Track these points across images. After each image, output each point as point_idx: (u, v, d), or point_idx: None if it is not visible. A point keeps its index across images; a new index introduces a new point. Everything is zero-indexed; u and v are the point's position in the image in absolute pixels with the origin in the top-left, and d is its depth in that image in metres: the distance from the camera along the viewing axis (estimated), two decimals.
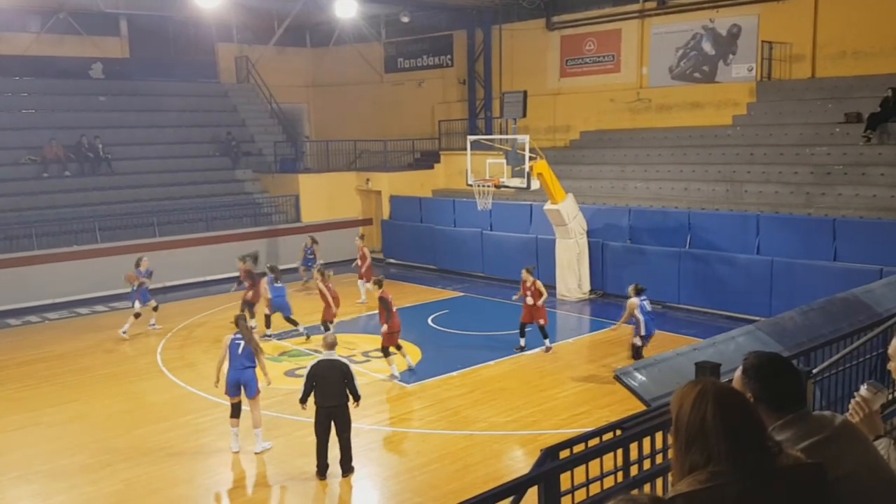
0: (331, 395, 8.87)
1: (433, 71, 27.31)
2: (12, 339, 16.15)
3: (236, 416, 9.79)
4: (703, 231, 16.45)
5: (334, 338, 9.55)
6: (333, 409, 8.86)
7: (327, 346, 9.29)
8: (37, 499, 8.85)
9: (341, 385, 8.90)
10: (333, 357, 9.15)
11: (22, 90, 23.76)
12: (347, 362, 9.20)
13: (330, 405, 8.86)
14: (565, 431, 9.84)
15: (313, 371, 8.97)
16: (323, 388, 8.89)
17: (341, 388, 8.90)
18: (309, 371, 9.03)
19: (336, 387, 8.89)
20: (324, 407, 8.88)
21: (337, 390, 8.89)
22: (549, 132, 22.94)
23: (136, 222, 20.54)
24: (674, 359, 7.14)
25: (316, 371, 8.96)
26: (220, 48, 27.91)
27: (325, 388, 8.88)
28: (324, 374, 8.91)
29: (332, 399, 8.86)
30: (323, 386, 8.89)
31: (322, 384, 8.90)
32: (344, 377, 8.92)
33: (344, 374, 8.92)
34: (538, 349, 14.05)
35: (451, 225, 21.66)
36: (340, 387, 8.90)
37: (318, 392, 8.91)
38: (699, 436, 2.04)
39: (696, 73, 20.98)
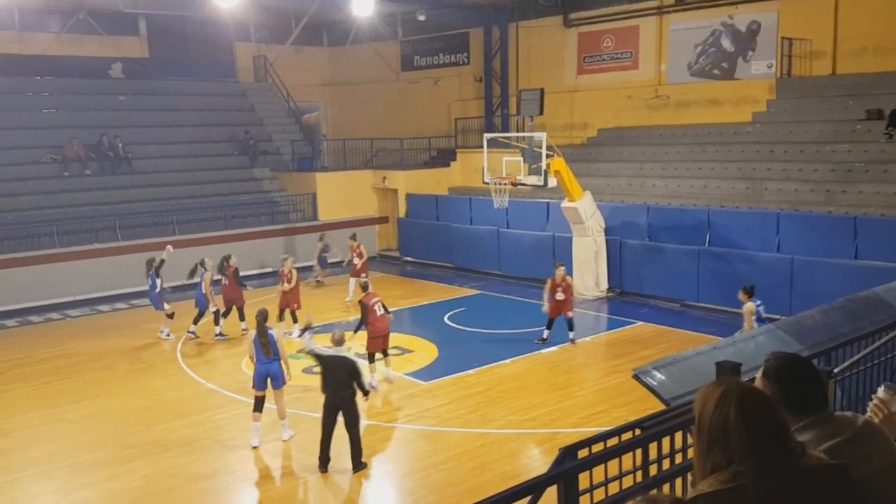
0: (338, 388, 9.08)
1: (449, 69, 27.30)
2: (34, 336, 16.35)
3: (259, 411, 9.95)
4: (723, 229, 16.33)
5: (342, 335, 9.72)
6: (340, 400, 9.07)
7: (335, 342, 9.51)
8: (58, 494, 8.96)
9: (348, 380, 9.09)
10: (341, 354, 9.36)
11: (43, 90, 24.03)
12: (354, 360, 9.39)
13: (337, 396, 9.08)
14: (583, 430, 9.81)
15: (323, 359, 9.30)
16: (330, 381, 9.10)
17: (348, 383, 9.09)
18: (321, 357, 9.36)
19: (342, 382, 9.08)
20: (332, 397, 9.10)
21: (343, 385, 9.08)
22: (567, 129, 22.86)
23: (155, 220, 20.71)
24: (693, 358, 7.09)
25: (325, 361, 9.23)
26: (238, 47, 28.08)
27: (333, 381, 9.08)
28: (332, 368, 9.13)
29: (340, 391, 9.08)
30: (330, 379, 9.10)
31: (330, 377, 9.12)
32: (350, 375, 9.11)
33: (350, 373, 9.11)
34: (557, 347, 14.02)
35: (468, 223, 21.65)
36: (347, 381, 9.09)
37: (325, 384, 9.14)
38: (721, 436, 2.03)
39: (715, 70, 20.82)
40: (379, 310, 12.04)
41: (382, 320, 12.11)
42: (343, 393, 9.05)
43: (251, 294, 18.21)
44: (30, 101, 23.43)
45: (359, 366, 9.27)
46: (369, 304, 12.01)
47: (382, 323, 12.11)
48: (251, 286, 17.07)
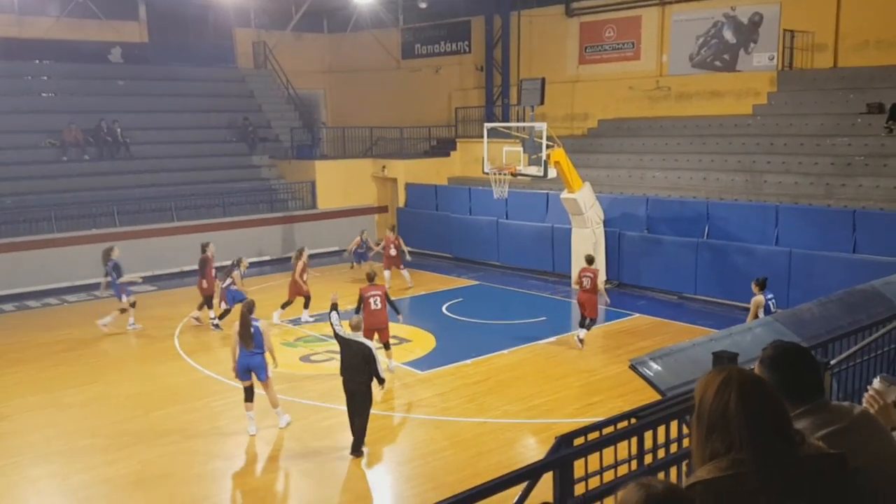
0: (353, 372, 9.17)
1: (450, 57, 27.21)
2: (32, 320, 16.35)
3: (250, 400, 9.97)
4: (722, 221, 16.33)
5: (359, 320, 9.79)
6: (358, 384, 9.15)
7: (353, 327, 9.52)
8: (56, 478, 8.98)
9: (363, 366, 9.14)
10: (358, 339, 9.39)
11: (42, 74, 23.93)
12: (370, 345, 9.40)
13: (352, 380, 9.17)
14: (579, 420, 9.83)
15: (343, 341, 9.35)
16: (346, 365, 9.22)
17: (363, 369, 9.14)
18: (341, 339, 9.39)
19: (357, 367, 9.15)
20: (347, 381, 9.21)
21: (358, 370, 9.15)
22: (567, 120, 22.81)
23: (153, 207, 20.70)
24: (690, 349, 7.10)
25: (344, 344, 9.32)
26: (238, 33, 27.94)
27: (348, 365, 9.19)
28: (349, 352, 9.22)
29: (354, 376, 9.16)
30: (346, 363, 9.22)
31: (346, 361, 9.23)
32: (365, 361, 9.14)
33: (364, 358, 9.15)
34: (554, 338, 14.05)
35: (467, 213, 21.64)
36: (362, 367, 9.14)
37: (343, 367, 9.28)
38: (721, 423, 2.04)
39: (716, 62, 20.76)
40: (375, 304, 11.83)
41: (376, 315, 11.84)
42: (357, 378, 9.14)
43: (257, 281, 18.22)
44: (29, 85, 23.32)
45: (374, 353, 9.29)
46: (365, 297, 11.92)
47: (374, 318, 11.80)
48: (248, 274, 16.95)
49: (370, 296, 11.92)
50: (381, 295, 11.97)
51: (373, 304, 11.86)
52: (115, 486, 8.73)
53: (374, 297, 11.89)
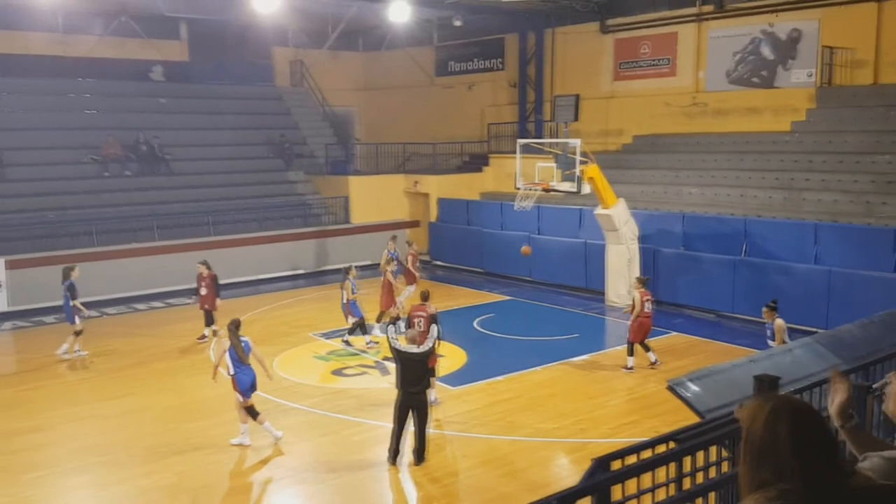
0: (412, 382, 9.29)
1: (484, 74, 27.32)
2: (72, 333, 16.63)
3: (255, 417, 10.17)
4: (760, 239, 16.10)
5: (416, 333, 9.87)
6: (414, 395, 9.28)
7: (410, 340, 9.57)
8: (94, 488, 9.11)
9: (422, 377, 9.36)
10: (413, 350, 9.45)
11: (85, 91, 24.53)
12: (426, 348, 9.55)
13: (411, 391, 9.27)
14: (614, 441, 9.73)
15: (400, 354, 9.37)
16: (405, 378, 9.30)
17: (421, 380, 9.35)
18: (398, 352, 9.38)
19: (415, 379, 9.31)
20: (406, 392, 9.29)
21: (416, 382, 9.31)
22: (602, 136, 22.72)
23: (192, 221, 21.03)
24: (730, 370, 6.99)
25: (401, 357, 9.36)
26: (276, 52, 28.42)
27: (407, 378, 9.29)
28: (408, 364, 9.32)
29: (414, 385, 9.28)
30: (406, 375, 9.31)
31: (405, 373, 9.31)
32: (425, 367, 9.45)
33: (424, 364, 9.43)
34: (587, 355, 13.95)
35: (499, 228, 21.63)
36: (421, 378, 9.35)
37: (400, 377, 9.36)
38: (770, 452, 2.01)
39: (754, 78, 20.54)
40: (419, 325, 11.10)
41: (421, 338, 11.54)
42: (415, 389, 9.29)
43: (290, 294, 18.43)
44: (72, 102, 23.92)
45: (433, 346, 9.55)
46: (411, 316, 11.54)
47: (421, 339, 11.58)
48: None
49: (415, 316, 11.45)
50: (427, 317, 11.17)
51: (416, 325, 11.20)
52: (152, 497, 8.83)
53: (418, 318, 11.29)
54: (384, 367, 13.53)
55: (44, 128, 21.96)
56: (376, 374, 13.29)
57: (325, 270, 22.44)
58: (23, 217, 19.21)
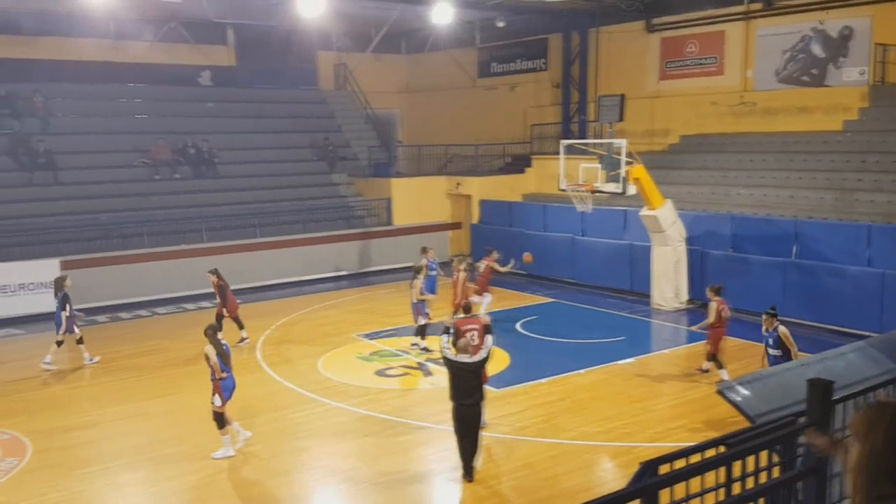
0: (466, 393, 9.03)
1: (527, 75, 27.20)
2: (123, 332, 17.08)
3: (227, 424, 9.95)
4: (811, 241, 15.70)
5: (468, 343, 9.52)
6: (468, 407, 9.00)
7: (461, 349, 9.31)
8: (145, 485, 9.32)
9: (477, 385, 9.06)
10: (465, 360, 9.18)
11: (136, 96, 25.12)
12: (479, 357, 9.30)
13: (465, 403, 9.01)
14: (660, 445, 9.57)
15: (452, 364, 9.15)
16: (458, 389, 9.04)
17: (476, 388, 9.05)
18: (451, 363, 9.18)
19: (469, 390, 9.01)
20: (460, 405, 9.03)
21: (470, 393, 9.02)
22: (647, 136, 22.44)
23: (239, 223, 21.36)
24: (780, 374, 6.83)
25: (454, 367, 9.13)
26: (320, 56, 28.73)
27: (461, 389, 9.02)
28: (460, 375, 9.06)
29: (467, 397, 9.02)
30: (460, 387, 9.03)
31: (459, 385, 9.04)
32: (478, 378, 9.13)
33: (477, 375, 9.14)
34: (633, 358, 13.78)
35: (542, 230, 21.50)
36: (475, 389, 9.04)
37: (452, 388, 9.09)
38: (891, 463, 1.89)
39: (804, 77, 20.06)
40: (472, 339, 10.15)
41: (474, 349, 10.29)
42: (468, 401, 8.99)
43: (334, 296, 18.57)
44: (123, 107, 24.50)
45: (487, 355, 9.31)
46: (461, 331, 10.32)
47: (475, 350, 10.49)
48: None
49: (467, 330, 10.32)
50: (480, 329, 10.25)
51: (470, 338, 10.11)
52: (201, 494, 8.99)
53: (471, 332, 10.24)
54: (427, 368, 13.58)
55: (96, 132, 22.56)
56: (419, 375, 13.33)
57: (368, 272, 22.61)
58: (76, 219, 19.75)
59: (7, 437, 10.60)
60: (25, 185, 20.33)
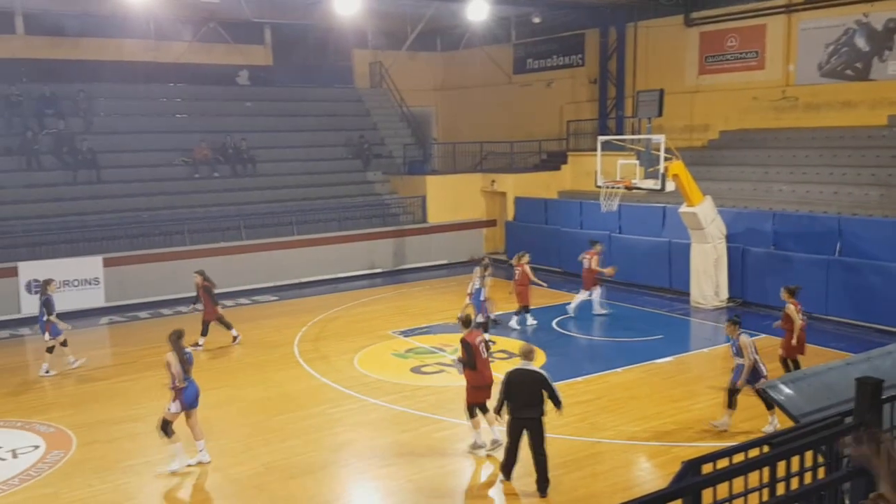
0: (524, 407, 8.47)
1: (563, 71, 27.03)
2: (165, 327, 17.26)
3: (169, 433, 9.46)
4: (855, 238, 15.35)
5: (530, 347, 8.97)
6: (527, 421, 8.48)
7: (523, 355, 8.80)
8: (188, 478, 9.48)
9: (537, 396, 8.46)
10: (529, 367, 8.66)
11: (175, 96, 25.54)
12: (544, 373, 8.68)
13: (523, 417, 8.48)
14: (700, 445, 9.46)
15: (508, 379, 8.58)
16: (517, 399, 8.49)
17: (537, 400, 8.46)
18: (504, 379, 8.63)
19: (531, 398, 8.46)
20: (517, 418, 8.54)
21: (531, 401, 8.46)
22: (686, 132, 22.15)
23: (276, 221, 21.61)
24: (825, 373, 6.68)
25: (510, 379, 8.55)
26: (356, 54, 28.91)
27: (519, 398, 8.49)
28: (518, 383, 8.51)
29: (526, 411, 8.46)
30: (517, 396, 8.50)
31: (516, 394, 8.50)
32: (541, 387, 8.48)
33: (541, 384, 8.48)
34: (671, 357, 13.62)
35: (578, 227, 21.34)
36: (536, 398, 8.46)
37: (511, 402, 8.54)
38: None
39: (847, 71, 19.61)
40: (484, 352, 9.84)
41: (486, 365, 9.82)
42: (529, 413, 8.44)
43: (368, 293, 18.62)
44: (163, 106, 24.94)
45: (548, 378, 8.58)
46: (474, 344, 9.70)
47: (489, 370, 9.87)
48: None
49: (480, 342, 9.83)
50: (487, 342, 10.25)
51: (483, 352, 9.79)
52: (243, 486, 9.12)
53: (482, 344, 9.87)
54: (461, 365, 13.55)
55: (137, 131, 22.97)
56: (454, 373, 13.30)
57: (403, 269, 22.69)
58: (118, 217, 20.16)
59: (53, 430, 10.86)
60: (70, 184, 20.80)
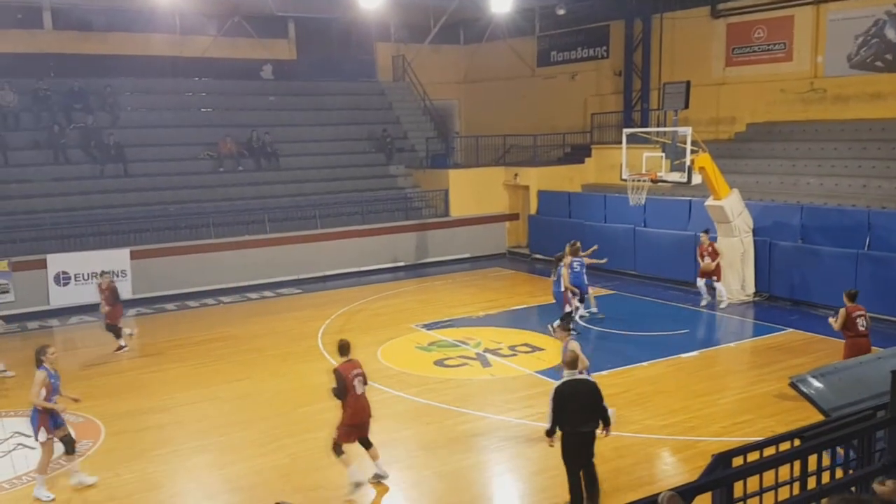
0: (584, 421, 7.72)
1: (587, 63, 26.83)
2: (191, 319, 17.58)
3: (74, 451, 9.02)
4: (885, 231, 15.09)
5: (575, 354, 8.22)
6: (586, 436, 7.75)
7: (568, 364, 8.02)
8: (213, 467, 9.59)
9: (593, 408, 7.74)
10: (578, 377, 7.99)
11: (200, 90, 25.73)
12: (595, 382, 8.03)
13: (583, 431, 7.73)
14: (726, 440, 9.37)
15: (559, 394, 7.74)
16: (573, 413, 7.67)
17: (593, 412, 7.75)
18: (554, 395, 7.77)
19: (586, 410, 7.71)
20: (573, 433, 7.72)
21: (589, 414, 7.73)
22: (712, 124, 21.90)
23: (300, 215, 21.72)
24: (856, 367, 6.63)
25: (562, 393, 7.73)
26: (379, 47, 28.90)
27: (576, 411, 7.67)
28: (572, 396, 7.70)
29: (585, 425, 7.73)
30: (573, 410, 7.67)
31: (572, 408, 7.67)
32: (597, 397, 7.78)
33: (597, 394, 7.80)
34: (697, 352, 13.53)
35: (602, 221, 21.19)
36: (594, 409, 7.76)
37: (566, 418, 7.70)
38: None
39: (877, 62, 19.25)
40: (359, 386, 8.66)
41: (362, 401, 8.74)
42: (588, 426, 7.73)
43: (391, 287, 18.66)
44: (189, 100, 25.14)
45: (600, 389, 7.92)
46: (348, 377, 8.55)
47: (360, 403, 8.70)
48: None
49: (355, 375, 8.63)
50: (363, 374, 8.79)
51: (357, 386, 8.62)
52: (268, 477, 9.19)
53: (358, 378, 8.67)
54: (485, 358, 13.58)
55: (163, 125, 23.20)
56: (477, 366, 13.34)
57: (425, 263, 22.72)
58: (145, 210, 20.37)
59: (82, 419, 11.02)
60: (97, 178, 21.05)
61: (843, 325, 10.78)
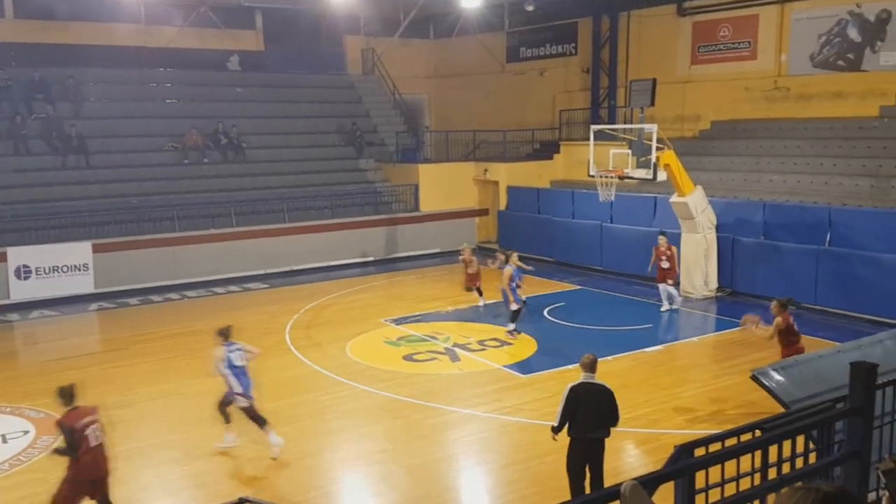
0: (592, 426, 7.51)
1: (556, 60, 26.98)
2: (155, 314, 17.32)
3: None
4: (845, 228, 15.44)
5: (593, 357, 7.83)
6: (596, 442, 7.56)
7: (584, 367, 7.77)
8: (178, 464, 9.47)
9: (606, 414, 7.56)
10: (594, 381, 7.70)
11: (165, 81, 25.34)
12: (610, 388, 7.73)
13: (594, 437, 7.53)
14: (688, 432, 9.52)
15: (573, 395, 7.57)
16: (586, 418, 7.50)
17: (605, 418, 7.56)
18: (568, 395, 7.60)
19: (599, 415, 7.53)
20: (582, 439, 7.54)
21: (600, 420, 7.54)
22: (678, 122, 22.18)
23: (267, 208, 21.51)
24: (815, 360, 6.74)
25: (577, 396, 7.56)
26: (348, 40, 28.73)
27: (586, 416, 7.50)
28: (587, 400, 7.53)
29: (597, 431, 7.53)
30: (583, 413, 7.50)
31: (585, 413, 7.50)
32: (611, 402, 7.57)
33: (612, 399, 7.58)
34: (661, 346, 13.68)
35: (570, 217, 21.37)
36: (604, 416, 7.55)
37: (578, 422, 7.54)
38: None
39: (839, 61, 19.66)
40: (94, 438, 7.18)
41: (96, 454, 7.22)
42: (600, 432, 7.52)
43: (361, 282, 18.58)
44: (153, 91, 24.73)
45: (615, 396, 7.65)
46: (78, 428, 7.05)
47: (92, 456, 7.17)
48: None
49: (85, 424, 7.14)
50: (100, 426, 7.31)
51: (91, 438, 7.15)
52: (234, 473, 9.13)
53: (91, 426, 7.20)
54: (454, 353, 13.61)
55: (127, 116, 22.79)
56: (446, 361, 13.36)
57: (395, 258, 22.68)
58: (108, 203, 20.02)
59: (42, 415, 10.82)
60: (58, 169, 20.63)
61: (778, 333, 10.23)
